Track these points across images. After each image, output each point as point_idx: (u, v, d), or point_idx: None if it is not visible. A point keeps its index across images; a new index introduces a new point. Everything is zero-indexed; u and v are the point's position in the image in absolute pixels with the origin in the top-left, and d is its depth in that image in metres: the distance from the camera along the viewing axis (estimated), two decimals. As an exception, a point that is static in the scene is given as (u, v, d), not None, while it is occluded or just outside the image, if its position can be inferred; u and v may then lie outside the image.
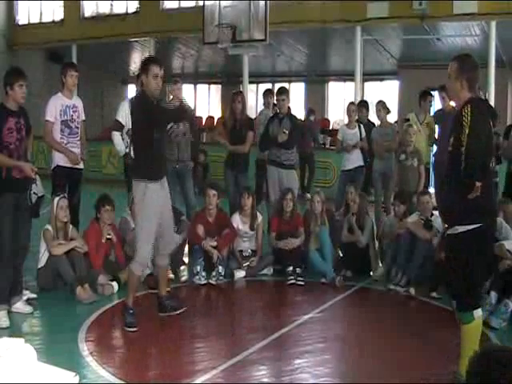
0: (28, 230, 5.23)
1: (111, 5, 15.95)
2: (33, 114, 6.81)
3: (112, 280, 5.96)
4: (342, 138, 8.31)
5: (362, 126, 8.44)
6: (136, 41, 15.90)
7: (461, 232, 3.73)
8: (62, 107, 6.50)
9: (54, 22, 16.92)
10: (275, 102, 7.77)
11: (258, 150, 7.91)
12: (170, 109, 5.72)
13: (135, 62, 18.84)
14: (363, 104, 9.51)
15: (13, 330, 4.75)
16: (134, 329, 4.89)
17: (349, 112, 8.39)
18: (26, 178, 5.08)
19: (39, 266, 5.86)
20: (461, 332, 3.83)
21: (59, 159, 6.53)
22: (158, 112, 4.95)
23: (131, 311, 4.99)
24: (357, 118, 8.55)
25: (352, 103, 8.77)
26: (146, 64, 4.87)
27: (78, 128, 6.60)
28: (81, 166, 6.70)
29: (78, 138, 6.63)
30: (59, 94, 6.59)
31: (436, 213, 6.51)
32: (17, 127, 5.03)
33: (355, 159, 8.24)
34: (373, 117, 9.31)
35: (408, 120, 8.22)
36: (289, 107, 7.55)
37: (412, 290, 5.92)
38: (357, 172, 8.23)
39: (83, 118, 6.73)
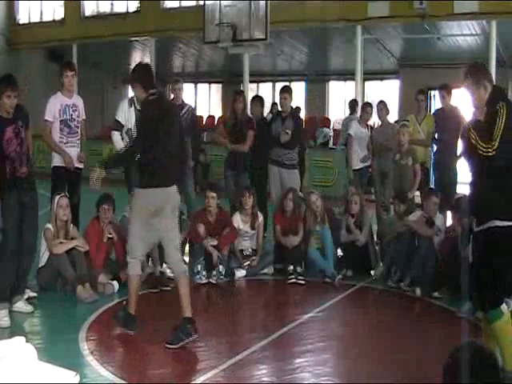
0: (34, 229, 5.22)
1: (112, 4, 15.96)
2: (33, 113, 6.81)
3: (112, 279, 5.96)
4: (355, 135, 8.36)
5: (369, 126, 8.53)
6: (136, 40, 15.90)
7: (498, 226, 3.67)
8: (62, 106, 6.50)
9: (54, 21, 16.94)
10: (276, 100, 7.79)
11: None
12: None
13: (136, 62, 18.82)
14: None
15: (13, 329, 4.74)
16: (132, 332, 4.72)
17: (367, 113, 8.47)
18: (29, 176, 5.09)
19: (40, 265, 5.85)
20: (493, 332, 3.74)
21: (57, 160, 6.54)
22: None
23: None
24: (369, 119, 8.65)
25: (369, 104, 8.77)
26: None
27: (77, 127, 6.60)
28: (80, 165, 6.70)
29: (78, 137, 6.63)
30: (59, 93, 6.59)
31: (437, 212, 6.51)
32: (15, 133, 5.01)
33: (361, 158, 8.34)
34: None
35: (407, 121, 8.23)
36: (293, 107, 7.55)
37: (418, 291, 5.90)
38: (362, 171, 8.33)
39: (84, 117, 6.73)
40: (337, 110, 17.82)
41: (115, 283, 5.93)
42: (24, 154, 5.07)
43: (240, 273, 6.63)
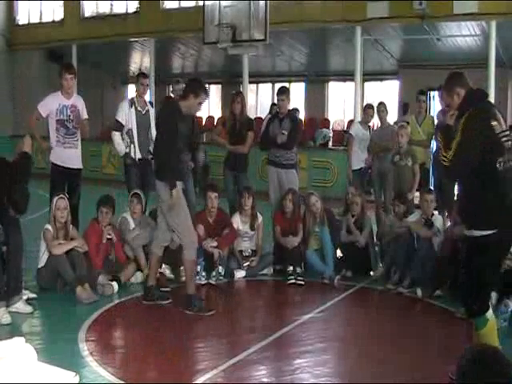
0: (17, 227, 5.20)
1: (111, 5, 15.96)
2: (33, 113, 6.78)
3: (112, 280, 5.95)
4: (356, 135, 8.38)
5: (370, 127, 8.56)
6: (136, 41, 15.91)
7: (475, 236, 3.67)
8: (59, 106, 6.48)
9: (53, 21, 16.94)
10: (275, 101, 7.78)
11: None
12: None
13: (135, 62, 18.85)
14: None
15: (13, 330, 4.74)
16: (212, 312, 5.38)
17: (368, 114, 8.47)
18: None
19: (39, 266, 5.85)
20: (478, 338, 3.74)
21: (53, 156, 6.56)
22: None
23: (202, 297, 5.62)
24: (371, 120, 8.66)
25: (371, 106, 8.76)
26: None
27: (76, 128, 6.57)
28: (79, 165, 6.69)
29: (77, 139, 6.61)
30: (58, 92, 6.58)
31: (436, 212, 6.52)
32: None
33: (363, 159, 8.36)
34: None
35: (407, 123, 8.23)
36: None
37: (419, 291, 5.90)
38: (362, 172, 8.34)
39: (86, 116, 6.69)
40: (336, 111, 17.84)
41: (115, 284, 5.92)
42: None
43: (239, 273, 6.63)
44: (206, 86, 6.05)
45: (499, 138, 3.69)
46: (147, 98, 7.79)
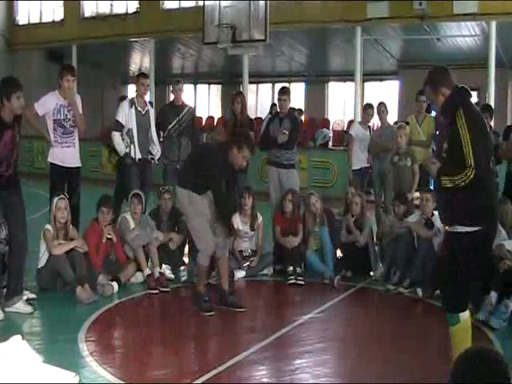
0: (23, 228, 5.21)
1: (111, 5, 15.97)
2: (28, 108, 6.69)
3: (112, 280, 5.96)
4: (356, 136, 8.38)
5: (370, 127, 8.58)
6: (136, 41, 15.92)
7: (459, 232, 3.68)
8: (57, 106, 6.47)
9: (53, 21, 16.96)
10: (276, 101, 7.77)
11: None
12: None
13: (135, 62, 18.86)
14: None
15: (13, 331, 4.73)
16: (211, 313, 5.31)
17: (368, 114, 8.45)
18: (14, 176, 5.11)
19: (39, 266, 5.85)
20: (449, 334, 3.78)
21: (51, 157, 6.55)
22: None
23: (206, 298, 5.46)
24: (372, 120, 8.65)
25: (371, 106, 8.74)
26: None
27: (73, 127, 6.56)
28: (78, 164, 6.69)
29: (74, 137, 6.60)
30: (56, 91, 6.57)
31: (436, 212, 6.52)
32: (12, 138, 5.02)
33: (363, 159, 8.36)
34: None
35: (407, 123, 8.22)
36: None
37: (419, 292, 5.91)
38: (362, 172, 8.34)
39: (80, 112, 6.63)
40: (336, 111, 17.85)
41: (115, 284, 5.92)
42: (12, 159, 5.10)
43: (239, 273, 6.63)
44: (206, 85, 5.97)
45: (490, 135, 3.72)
46: (147, 98, 7.79)
